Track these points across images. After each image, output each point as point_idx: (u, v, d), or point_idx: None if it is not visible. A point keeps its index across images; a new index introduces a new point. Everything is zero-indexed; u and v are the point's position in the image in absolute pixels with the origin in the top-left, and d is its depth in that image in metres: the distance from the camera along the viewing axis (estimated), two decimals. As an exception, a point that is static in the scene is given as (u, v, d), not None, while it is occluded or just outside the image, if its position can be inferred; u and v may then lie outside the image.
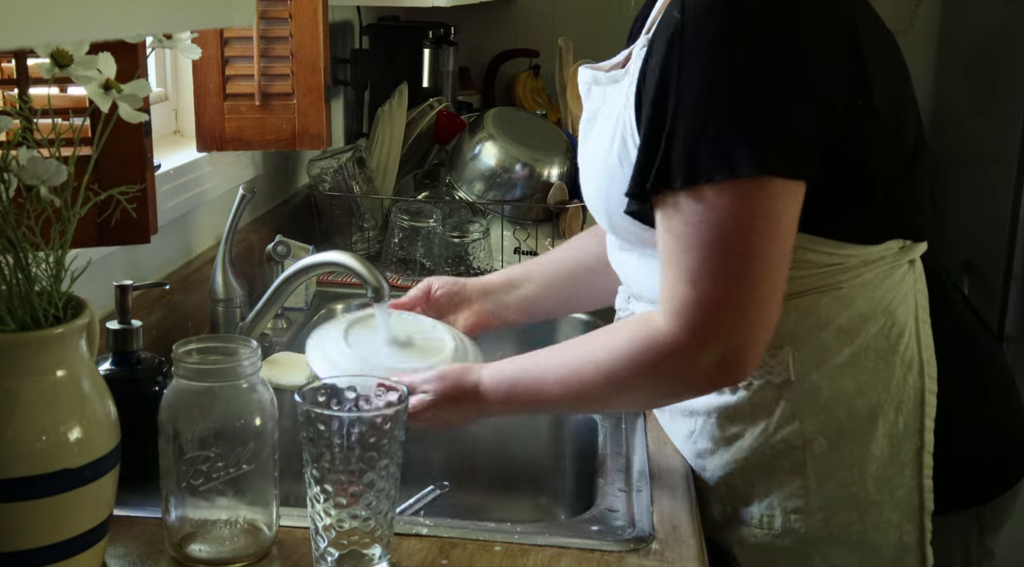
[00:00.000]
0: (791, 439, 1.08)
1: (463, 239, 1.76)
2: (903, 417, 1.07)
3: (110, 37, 0.59)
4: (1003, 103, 2.34)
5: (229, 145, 1.55)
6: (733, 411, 1.11)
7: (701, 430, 1.14)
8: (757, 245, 0.95)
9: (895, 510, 1.07)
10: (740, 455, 1.11)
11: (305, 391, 0.91)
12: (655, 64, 0.98)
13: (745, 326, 0.97)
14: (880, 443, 1.06)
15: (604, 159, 1.08)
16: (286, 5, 1.52)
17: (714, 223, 0.95)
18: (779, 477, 1.09)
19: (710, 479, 1.15)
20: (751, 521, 1.11)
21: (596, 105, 1.15)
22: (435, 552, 0.97)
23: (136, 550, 0.96)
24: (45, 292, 0.84)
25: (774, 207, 0.95)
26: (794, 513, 1.08)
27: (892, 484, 1.07)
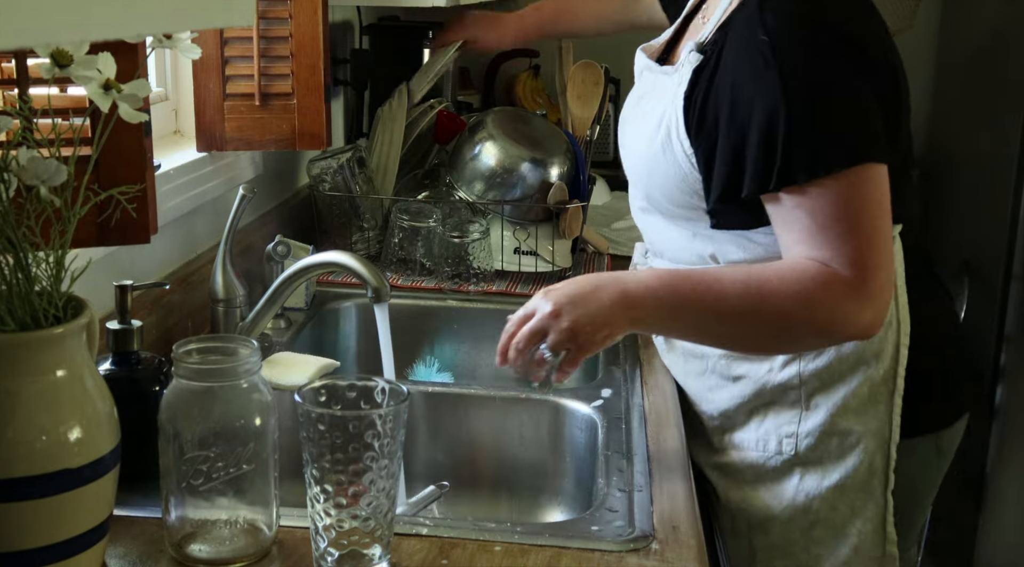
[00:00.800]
0: (789, 380, 1.28)
1: (463, 239, 1.76)
2: (882, 365, 1.27)
3: (110, 37, 0.59)
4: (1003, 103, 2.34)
5: (229, 145, 1.55)
6: (740, 354, 1.30)
7: (712, 368, 1.34)
8: (877, 217, 1.13)
9: (870, 438, 1.27)
10: (746, 390, 1.31)
11: (305, 391, 0.91)
12: (742, 75, 1.14)
13: (890, 272, 1.15)
14: (862, 385, 1.27)
15: (648, 141, 1.27)
16: (286, 5, 1.52)
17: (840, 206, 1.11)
18: (776, 410, 1.29)
19: (714, 410, 1.34)
20: (747, 446, 1.31)
21: (645, 88, 1.35)
22: (435, 552, 0.97)
23: (136, 550, 0.96)
24: (45, 292, 0.84)
25: (881, 187, 1.14)
26: (787, 437, 1.29)
27: (867, 417, 1.27)
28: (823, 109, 1.12)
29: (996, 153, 2.36)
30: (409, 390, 0.92)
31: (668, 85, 1.25)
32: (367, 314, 1.58)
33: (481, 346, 1.73)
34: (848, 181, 1.11)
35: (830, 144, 1.11)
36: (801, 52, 1.13)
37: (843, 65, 1.13)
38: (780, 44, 1.12)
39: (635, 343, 1.54)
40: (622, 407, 1.33)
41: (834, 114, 1.12)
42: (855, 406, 1.27)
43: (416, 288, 1.77)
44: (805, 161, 1.11)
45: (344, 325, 1.73)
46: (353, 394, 0.94)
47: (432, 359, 1.72)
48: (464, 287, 1.76)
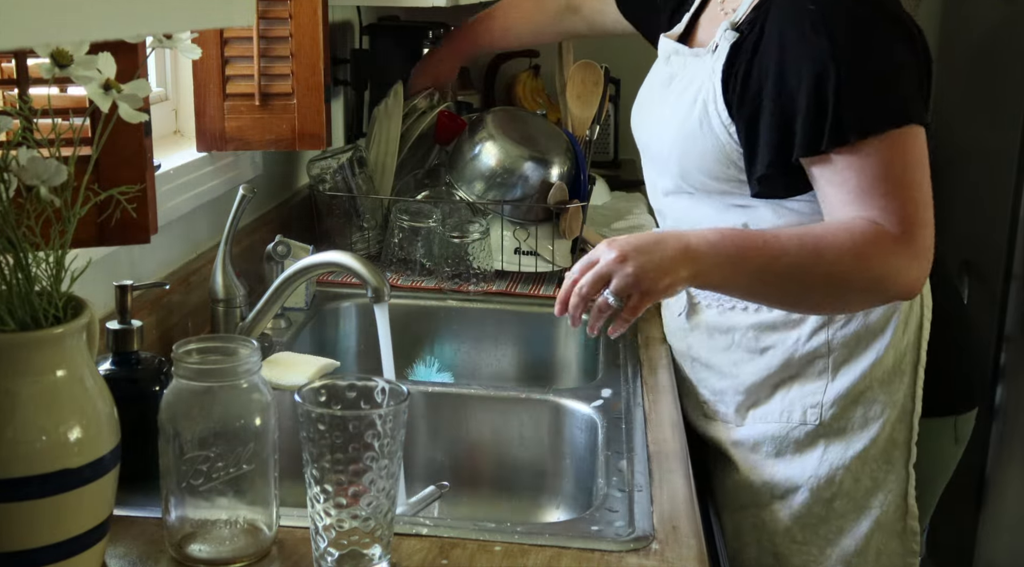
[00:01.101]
0: (819, 348, 1.31)
1: (463, 239, 1.76)
2: (907, 335, 1.31)
3: (110, 37, 0.59)
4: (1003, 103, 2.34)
5: (229, 145, 1.55)
6: (770, 325, 1.33)
7: (739, 341, 1.36)
8: (921, 177, 1.19)
9: (893, 409, 1.31)
10: (773, 362, 1.33)
11: (305, 391, 0.91)
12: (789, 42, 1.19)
13: (933, 241, 1.20)
14: (888, 354, 1.30)
15: (682, 121, 1.30)
16: (286, 5, 1.52)
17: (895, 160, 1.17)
18: (803, 380, 1.32)
19: (740, 385, 1.37)
20: (771, 418, 1.34)
21: (674, 70, 1.38)
22: (435, 552, 0.97)
23: (136, 550, 0.96)
24: (45, 292, 0.84)
25: (923, 147, 1.19)
26: (811, 408, 1.32)
27: (893, 388, 1.31)
28: (871, 71, 1.17)
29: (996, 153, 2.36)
30: (409, 390, 0.92)
31: (702, 64, 1.30)
32: (367, 314, 1.58)
33: (481, 346, 1.73)
34: (894, 141, 1.16)
35: (879, 105, 1.17)
36: (848, 19, 1.18)
37: (886, 33, 1.19)
38: (827, 12, 1.18)
39: (635, 343, 1.54)
40: (622, 407, 1.33)
41: (881, 76, 1.18)
42: (880, 375, 1.30)
43: (416, 288, 1.77)
44: (855, 121, 1.16)
45: (344, 325, 1.73)
46: (353, 394, 0.94)
47: (432, 359, 1.72)
48: (464, 287, 1.76)
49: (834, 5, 1.20)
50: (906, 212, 1.17)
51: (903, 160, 1.17)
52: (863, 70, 1.18)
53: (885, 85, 1.18)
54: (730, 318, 1.37)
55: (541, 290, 1.78)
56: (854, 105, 1.17)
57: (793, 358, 1.33)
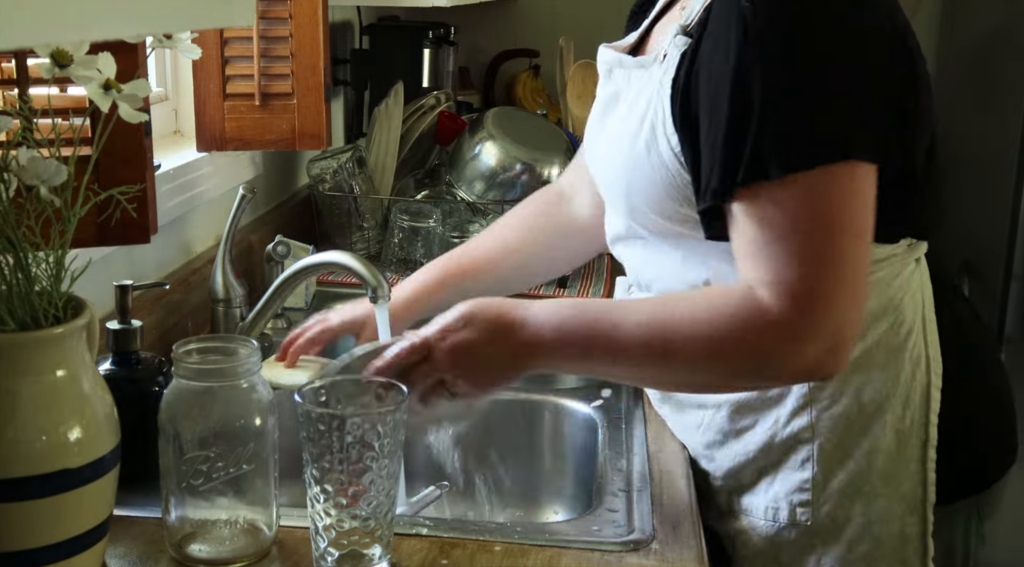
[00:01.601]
0: (801, 433, 1.09)
1: (463, 239, 1.76)
2: (910, 412, 1.09)
3: (110, 37, 0.59)
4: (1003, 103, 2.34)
5: (229, 145, 1.55)
6: (744, 404, 1.12)
7: (710, 423, 1.15)
8: (856, 221, 0.96)
9: (899, 503, 1.09)
10: (749, 448, 1.12)
11: (305, 391, 0.91)
12: (722, 56, 0.97)
13: (853, 306, 0.96)
14: (887, 437, 1.08)
15: (629, 144, 1.07)
16: (286, 5, 1.52)
17: (817, 204, 0.94)
18: (786, 470, 1.11)
19: (716, 469, 1.16)
20: (756, 513, 1.13)
21: (618, 87, 1.15)
22: (435, 552, 0.97)
23: (136, 550, 0.96)
24: (45, 292, 0.84)
25: (864, 188, 0.96)
26: (800, 506, 1.10)
27: (898, 478, 1.09)
28: (810, 94, 0.94)
29: (996, 153, 2.36)
30: (409, 390, 0.92)
31: (650, 77, 1.08)
32: (367, 314, 1.58)
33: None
34: (829, 179, 0.94)
35: (813, 135, 0.94)
36: (787, 28, 0.95)
37: (841, 49, 0.96)
38: (764, 12, 0.95)
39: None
40: (622, 407, 1.32)
41: (822, 102, 0.95)
42: (880, 464, 1.08)
43: (416, 288, 1.77)
44: (778, 153, 0.93)
45: (344, 325, 1.72)
46: (353, 394, 0.94)
47: (432, 359, 1.72)
48: (464, 287, 1.75)
49: (773, 5, 0.95)
50: (804, 282, 0.93)
51: (842, 202, 0.94)
52: (798, 86, 0.94)
53: (835, 111, 0.95)
54: (701, 394, 1.15)
55: (541, 290, 1.78)
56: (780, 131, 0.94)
57: (773, 443, 1.11)
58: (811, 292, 0.93)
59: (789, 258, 0.94)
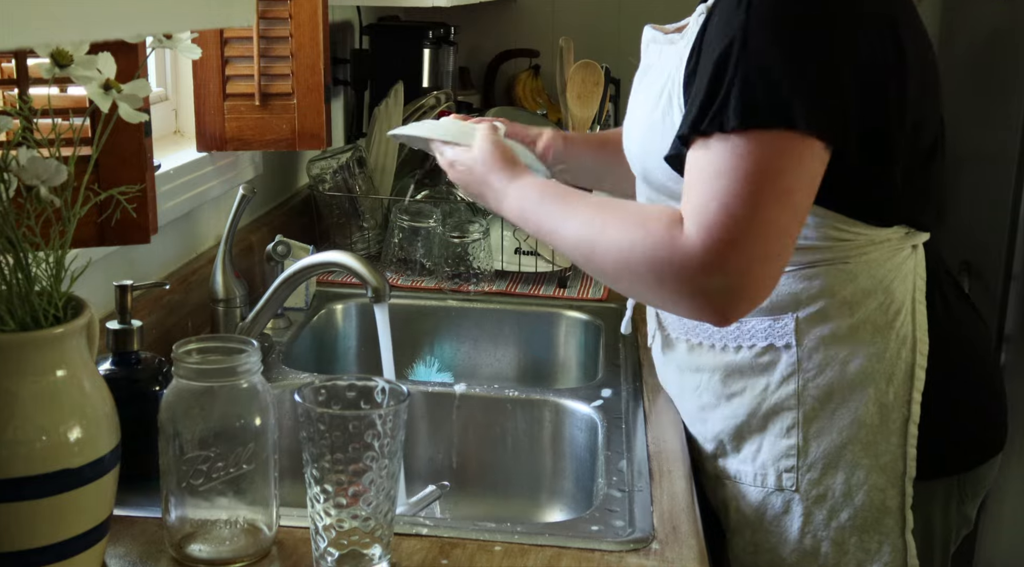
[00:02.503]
0: (787, 400, 1.15)
1: (463, 239, 1.76)
2: (893, 388, 1.14)
3: (110, 37, 0.59)
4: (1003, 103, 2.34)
5: (229, 145, 1.55)
6: (737, 369, 1.19)
7: (706, 385, 1.22)
8: (791, 190, 1.00)
9: (880, 474, 1.14)
10: (739, 411, 1.19)
11: (305, 391, 0.91)
12: (720, 24, 1.04)
13: (759, 259, 1.00)
14: (870, 410, 1.13)
15: (648, 112, 1.16)
16: (286, 5, 1.52)
17: (757, 162, 0.99)
18: (772, 436, 1.17)
19: (708, 432, 1.23)
20: (745, 479, 1.20)
21: (651, 61, 1.24)
22: (435, 552, 0.97)
23: (136, 550, 0.96)
24: (45, 292, 0.84)
25: (812, 163, 1.01)
26: (787, 472, 1.17)
27: (879, 450, 1.14)
28: (782, 62, 1.00)
29: (996, 153, 2.36)
30: (409, 390, 0.92)
31: (674, 52, 1.16)
32: (367, 314, 1.58)
33: (481, 346, 1.73)
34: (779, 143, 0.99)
35: (777, 99, 0.99)
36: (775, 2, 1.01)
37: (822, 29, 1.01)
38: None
39: (635, 344, 1.54)
40: (622, 407, 1.33)
41: (793, 72, 1.00)
42: (862, 436, 1.13)
43: (416, 288, 1.77)
44: (741, 108, 0.99)
45: (344, 325, 1.73)
46: (353, 394, 0.94)
47: (432, 359, 1.72)
48: (464, 287, 1.76)
49: None
50: (718, 220, 0.99)
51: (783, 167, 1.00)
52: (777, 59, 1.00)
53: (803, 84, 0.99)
54: (698, 356, 1.22)
55: (541, 290, 1.78)
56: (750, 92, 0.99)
57: (760, 409, 1.17)
58: (721, 230, 0.99)
59: (713, 195, 1.00)
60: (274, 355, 1.46)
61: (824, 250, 1.12)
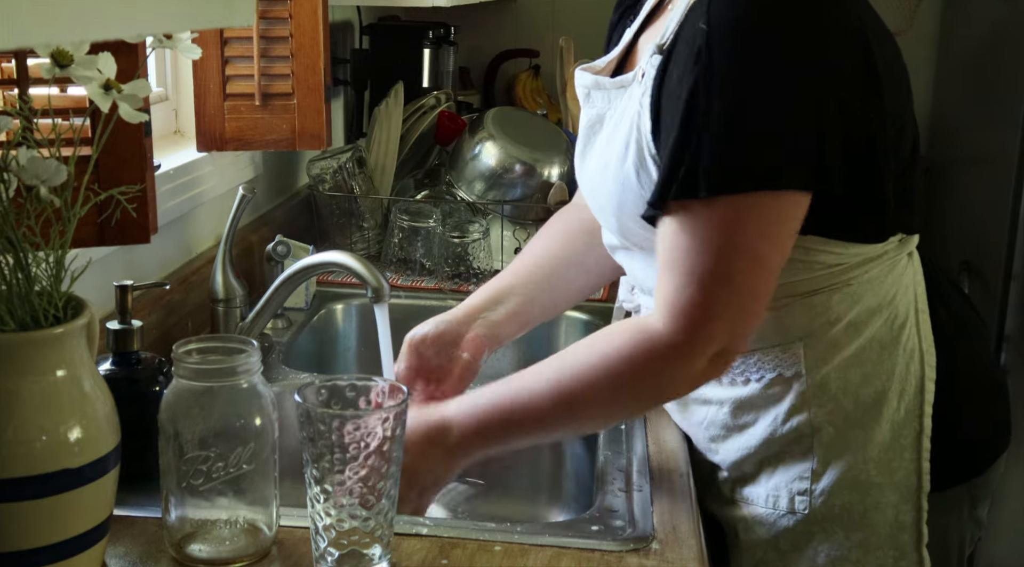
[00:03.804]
0: (801, 428, 1.12)
1: (463, 239, 1.76)
2: (904, 404, 1.12)
3: (110, 37, 0.59)
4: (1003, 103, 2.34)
5: (229, 145, 1.55)
6: (746, 402, 1.15)
7: (714, 418, 1.19)
8: (765, 251, 1.00)
9: (894, 491, 1.12)
10: (751, 442, 1.16)
11: (305, 391, 0.91)
12: (680, 76, 0.99)
13: (742, 324, 1.02)
14: (883, 429, 1.11)
15: (617, 167, 1.08)
16: (286, 5, 1.52)
17: (733, 230, 0.98)
18: (787, 461, 1.14)
19: (720, 462, 1.20)
20: (757, 501, 1.17)
21: (600, 110, 1.16)
22: (435, 552, 0.97)
23: (136, 550, 0.96)
24: (45, 292, 0.84)
25: (790, 216, 1.00)
26: (799, 495, 1.14)
27: (892, 467, 1.12)
28: (748, 121, 0.96)
29: (996, 153, 2.36)
30: (409, 390, 0.92)
31: (630, 97, 1.08)
32: (367, 314, 1.58)
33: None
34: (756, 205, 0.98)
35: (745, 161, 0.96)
36: (736, 52, 0.96)
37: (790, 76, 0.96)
38: (716, 39, 0.96)
39: (635, 343, 1.54)
40: (622, 407, 1.32)
41: (760, 129, 0.96)
42: (875, 455, 1.12)
43: (416, 288, 1.77)
44: (711, 175, 0.96)
45: (344, 325, 1.73)
46: (353, 394, 0.94)
47: (432, 359, 1.72)
48: (464, 287, 1.76)
49: (728, 23, 0.96)
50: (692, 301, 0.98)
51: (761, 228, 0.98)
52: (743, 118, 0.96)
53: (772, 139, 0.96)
54: (704, 391, 1.17)
55: (541, 290, 1.78)
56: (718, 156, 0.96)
57: (774, 437, 1.14)
58: (702, 310, 0.99)
59: (684, 278, 0.99)
60: (274, 355, 1.46)
61: (825, 277, 1.10)
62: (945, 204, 2.70)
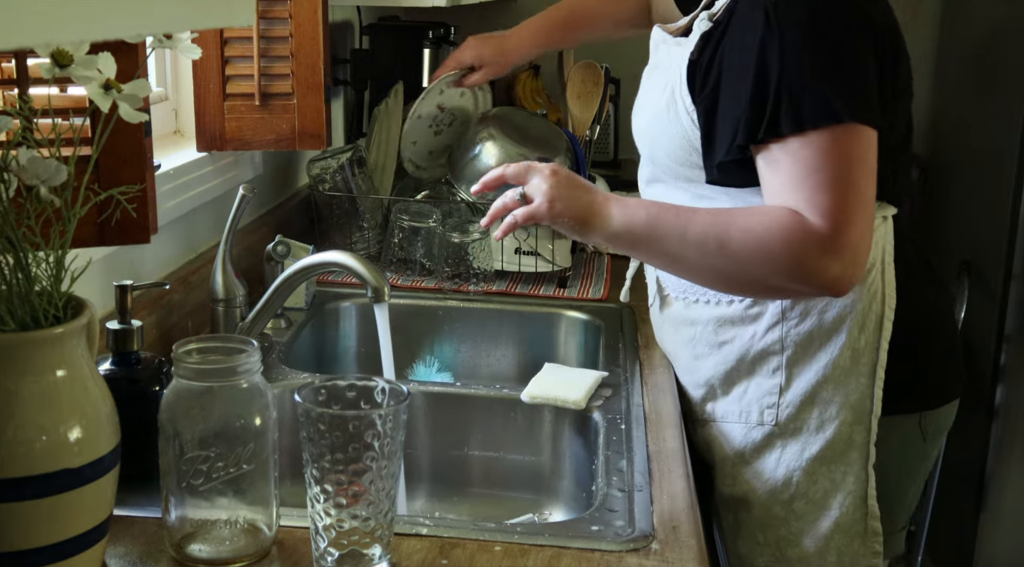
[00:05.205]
0: (772, 346, 1.31)
1: (463, 239, 1.76)
2: (864, 335, 1.29)
3: (110, 37, 0.59)
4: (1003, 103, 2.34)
5: (229, 145, 1.55)
6: (728, 319, 1.34)
7: (700, 335, 1.38)
8: (858, 176, 1.16)
9: (849, 411, 1.30)
10: (729, 357, 1.35)
11: (305, 391, 0.91)
12: (747, 42, 1.19)
13: (867, 231, 1.17)
14: (844, 354, 1.29)
15: (655, 103, 1.33)
16: (286, 5, 1.52)
17: (821, 159, 1.15)
18: (758, 378, 1.33)
19: (699, 378, 1.39)
20: (730, 418, 1.35)
21: (659, 60, 1.41)
22: (435, 552, 0.97)
23: (136, 550, 0.96)
24: (45, 292, 0.84)
25: (868, 147, 1.17)
26: (768, 408, 1.32)
27: (849, 389, 1.30)
28: (817, 64, 1.16)
29: (996, 153, 2.36)
30: (409, 390, 0.92)
31: (679, 54, 1.31)
32: (367, 314, 1.58)
33: (481, 346, 1.73)
34: (834, 136, 1.15)
35: (820, 99, 1.15)
36: (804, 10, 1.17)
37: (845, 28, 1.18)
38: (784, 7, 1.18)
39: (635, 342, 1.54)
40: (622, 407, 1.33)
41: (828, 70, 1.16)
42: (835, 376, 1.29)
43: (416, 288, 1.77)
44: (792, 113, 1.15)
45: (344, 325, 1.73)
46: (353, 394, 0.94)
47: (432, 359, 1.72)
48: (464, 287, 1.76)
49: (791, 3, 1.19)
50: (831, 206, 1.14)
51: (839, 156, 1.15)
52: (809, 60, 1.17)
53: (833, 79, 1.17)
54: (694, 311, 1.38)
55: (541, 290, 1.78)
56: (794, 97, 1.16)
57: (748, 354, 1.33)
58: (840, 213, 1.14)
59: (817, 190, 1.15)
60: (274, 355, 1.46)
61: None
62: (945, 204, 2.70)
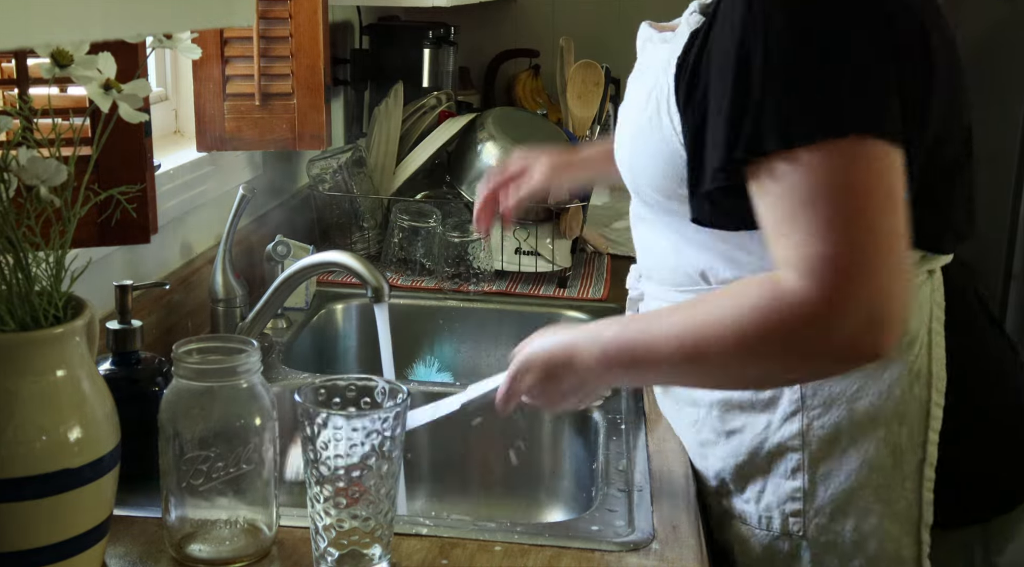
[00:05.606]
0: (790, 440, 1.07)
1: (463, 239, 1.76)
2: (907, 428, 1.05)
3: (110, 37, 0.59)
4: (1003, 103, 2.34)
5: (229, 145, 1.55)
6: (734, 405, 1.11)
7: (704, 420, 1.14)
8: (869, 208, 0.89)
9: (893, 522, 1.05)
10: (740, 450, 1.11)
11: (305, 391, 0.91)
12: (728, 33, 0.94)
13: (888, 280, 0.88)
14: (882, 452, 1.05)
15: (636, 117, 1.07)
16: (286, 5, 1.52)
17: (814, 183, 0.89)
18: (777, 478, 1.09)
19: (710, 471, 1.15)
20: (751, 521, 1.11)
21: (647, 61, 1.14)
22: (435, 552, 0.97)
23: (136, 550, 0.96)
24: (45, 292, 0.84)
25: (886, 170, 0.90)
26: (792, 516, 1.08)
27: (892, 495, 1.05)
28: (811, 57, 0.90)
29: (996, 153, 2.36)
30: (409, 390, 0.92)
31: (665, 52, 1.06)
32: (367, 314, 1.58)
33: (481, 346, 1.73)
34: (833, 155, 0.88)
35: (814, 104, 0.89)
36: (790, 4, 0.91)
37: (852, 8, 0.91)
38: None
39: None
40: (622, 407, 1.32)
41: (824, 70, 0.90)
42: (875, 480, 1.05)
43: (416, 288, 1.77)
44: (777, 125, 0.89)
45: (344, 325, 1.73)
46: (353, 394, 0.94)
47: (432, 359, 1.72)
48: (464, 287, 1.76)
49: None
50: (827, 254, 0.87)
51: (842, 184, 0.88)
52: (799, 59, 0.90)
53: (828, 82, 0.90)
54: (695, 390, 1.15)
55: (541, 290, 1.78)
56: (780, 105, 0.90)
57: (763, 448, 1.09)
58: (838, 261, 0.87)
59: (806, 231, 0.89)
60: (274, 355, 1.46)
61: None
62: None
